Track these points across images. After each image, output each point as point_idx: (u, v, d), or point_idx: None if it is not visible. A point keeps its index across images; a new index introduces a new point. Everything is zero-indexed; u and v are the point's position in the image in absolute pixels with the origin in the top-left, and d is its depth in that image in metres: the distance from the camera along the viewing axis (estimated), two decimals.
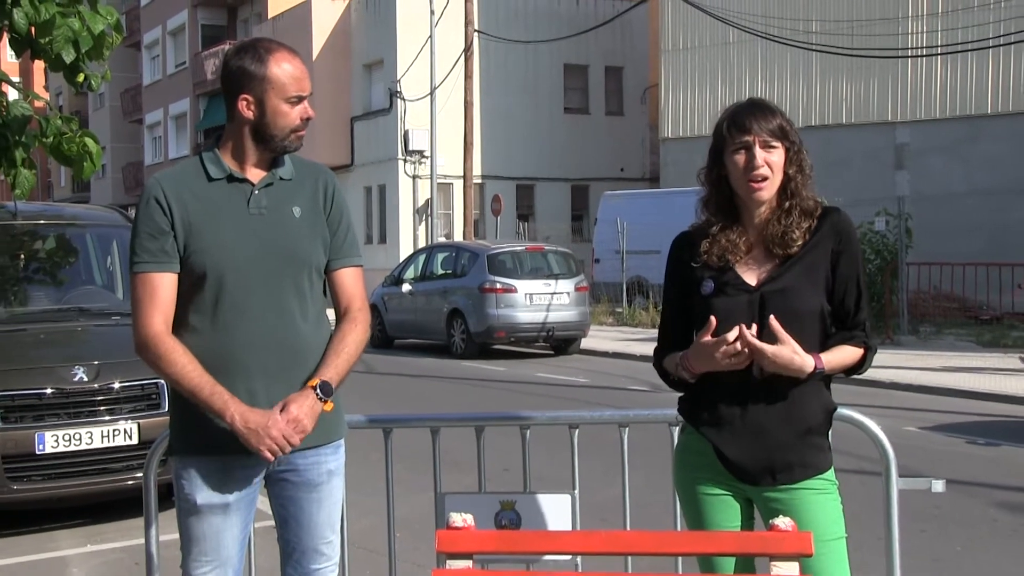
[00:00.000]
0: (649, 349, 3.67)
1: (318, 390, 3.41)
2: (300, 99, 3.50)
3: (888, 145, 27.03)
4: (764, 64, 28.34)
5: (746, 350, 3.21)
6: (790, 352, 3.21)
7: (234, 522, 3.52)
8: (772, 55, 27.81)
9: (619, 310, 26.22)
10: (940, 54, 25.87)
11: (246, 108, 3.47)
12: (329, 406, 3.46)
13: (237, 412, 3.33)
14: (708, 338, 3.26)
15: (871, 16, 26.39)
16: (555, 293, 20.19)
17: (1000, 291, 22.04)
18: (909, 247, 21.65)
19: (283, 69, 3.47)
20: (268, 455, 3.33)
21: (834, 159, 23.23)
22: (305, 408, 3.38)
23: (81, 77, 8.60)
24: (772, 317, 3.22)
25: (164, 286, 3.45)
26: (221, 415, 3.34)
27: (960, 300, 22.00)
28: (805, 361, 3.23)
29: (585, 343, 21.13)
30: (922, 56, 26.21)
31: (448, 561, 3.09)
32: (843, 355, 3.36)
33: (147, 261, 3.44)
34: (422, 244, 31.18)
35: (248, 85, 3.46)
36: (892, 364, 16.59)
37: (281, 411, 3.36)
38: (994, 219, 24.30)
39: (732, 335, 3.20)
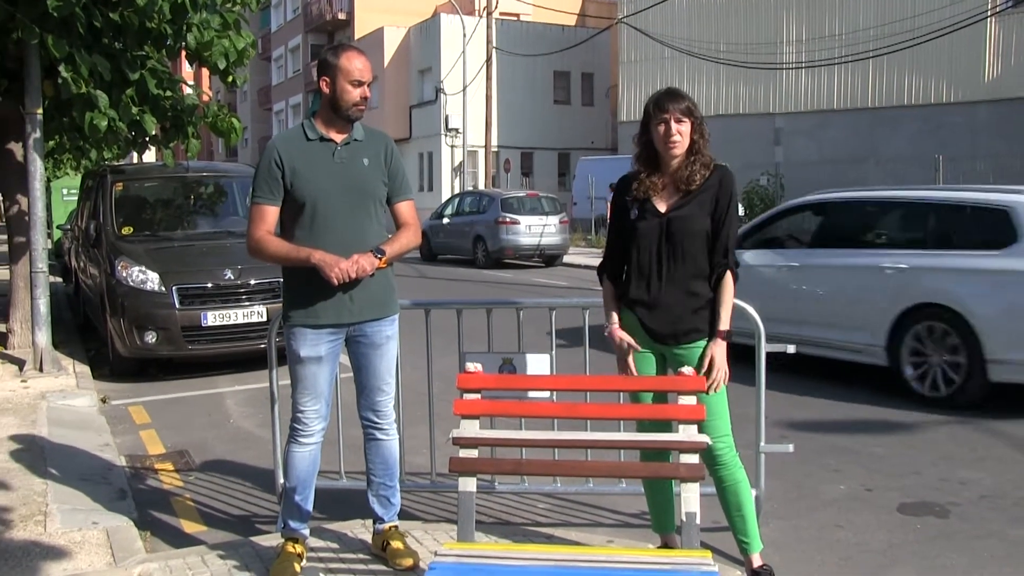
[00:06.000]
0: None
1: (375, 251, 3.41)
2: (360, 83, 3.45)
3: (769, 129, 26.70)
4: (688, 72, 27.75)
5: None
6: (717, 370, 3.26)
7: (326, 369, 3.53)
8: (693, 65, 27.23)
9: (589, 237, 25.97)
10: (804, 67, 25.39)
11: (325, 86, 3.45)
12: (383, 263, 3.43)
13: (317, 253, 3.33)
14: (629, 360, 3.37)
15: (759, 40, 25.80)
16: (546, 225, 20.01)
17: None
18: (782, 197, 22.31)
19: (350, 61, 3.43)
20: (334, 280, 3.30)
21: (733, 137, 22.96)
22: (366, 257, 3.37)
23: (230, 79, 8.56)
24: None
25: (269, 213, 3.45)
26: (307, 260, 3.33)
27: None
28: (722, 355, 3.27)
29: (566, 259, 20.93)
30: (792, 69, 25.67)
31: (465, 395, 3.11)
32: (729, 302, 3.30)
33: (261, 197, 3.45)
34: (457, 191, 30.95)
35: (327, 70, 3.45)
36: None
37: None
38: (837, 179, 23.91)
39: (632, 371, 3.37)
